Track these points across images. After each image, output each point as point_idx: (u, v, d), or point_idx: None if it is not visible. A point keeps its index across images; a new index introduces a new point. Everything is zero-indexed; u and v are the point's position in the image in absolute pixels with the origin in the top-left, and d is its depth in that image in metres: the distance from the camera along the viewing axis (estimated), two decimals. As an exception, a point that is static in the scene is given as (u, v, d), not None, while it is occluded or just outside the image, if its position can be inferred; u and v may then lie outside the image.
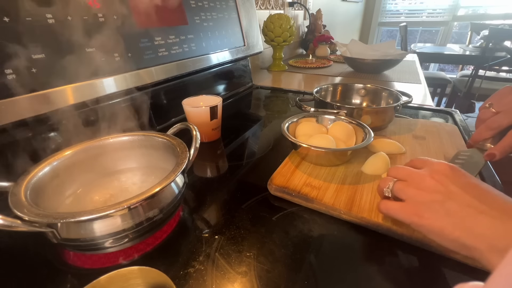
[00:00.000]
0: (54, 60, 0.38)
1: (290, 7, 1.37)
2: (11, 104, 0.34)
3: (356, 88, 0.66)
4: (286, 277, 0.27)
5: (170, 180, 0.28)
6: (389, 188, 0.29)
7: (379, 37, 3.38)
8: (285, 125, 0.45)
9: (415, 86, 0.92)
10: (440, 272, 0.27)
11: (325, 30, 1.56)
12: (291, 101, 0.80)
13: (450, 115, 0.67)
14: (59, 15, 0.38)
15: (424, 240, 0.29)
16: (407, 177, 0.29)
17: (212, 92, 0.76)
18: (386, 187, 0.30)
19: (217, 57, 0.69)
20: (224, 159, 0.50)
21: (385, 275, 0.27)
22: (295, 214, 0.35)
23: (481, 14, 2.84)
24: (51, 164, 0.32)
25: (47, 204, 0.29)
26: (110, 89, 0.45)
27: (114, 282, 0.21)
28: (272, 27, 1.04)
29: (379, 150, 0.44)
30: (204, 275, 0.27)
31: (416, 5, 3.10)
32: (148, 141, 0.38)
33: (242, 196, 0.38)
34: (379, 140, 0.47)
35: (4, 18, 0.33)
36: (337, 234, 0.32)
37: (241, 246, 0.30)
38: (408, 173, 0.29)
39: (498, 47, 1.96)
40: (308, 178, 0.39)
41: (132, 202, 0.25)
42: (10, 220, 0.23)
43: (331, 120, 0.50)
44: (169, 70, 0.56)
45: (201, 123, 0.51)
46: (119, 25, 0.46)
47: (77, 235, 0.26)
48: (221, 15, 0.71)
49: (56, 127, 0.40)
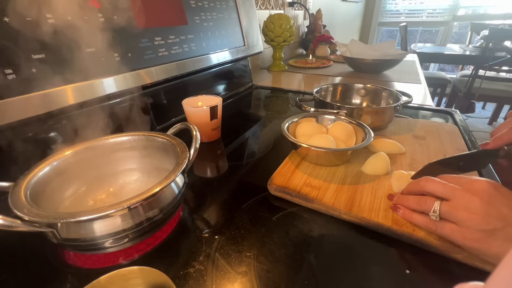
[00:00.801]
0: (54, 60, 0.38)
1: (290, 7, 1.37)
2: (11, 104, 0.34)
3: (356, 88, 0.66)
4: (286, 277, 0.27)
5: (170, 180, 0.28)
6: (435, 212, 0.27)
7: (379, 37, 3.38)
8: (285, 125, 0.45)
9: (415, 86, 0.92)
10: (440, 272, 0.27)
11: (325, 30, 1.56)
12: (291, 101, 0.80)
13: (450, 115, 0.67)
14: (59, 15, 0.38)
15: (424, 240, 0.29)
16: (450, 195, 0.27)
17: (212, 92, 0.76)
18: (431, 211, 0.27)
19: (217, 57, 0.69)
20: (224, 159, 0.50)
21: (385, 275, 0.27)
22: (295, 214, 0.35)
23: (481, 14, 2.84)
24: (51, 164, 0.32)
25: (47, 204, 0.29)
26: (110, 89, 0.45)
27: (114, 282, 0.21)
28: (272, 27, 1.04)
29: (379, 150, 0.44)
30: (204, 275, 0.27)
31: (416, 5, 3.10)
32: (148, 141, 0.38)
33: (242, 196, 0.38)
34: (379, 140, 0.47)
35: (4, 18, 0.33)
36: (337, 234, 0.32)
37: (241, 246, 0.30)
38: (451, 191, 0.27)
39: (498, 47, 1.96)
40: (308, 178, 0.39)
41: (132, 202, 0.25)
42: (10, 220, 0.23)
43: (331, 120, 0.50)
44: (169, 70, 0.56)
45: (201, 123, 0.51)
46: (119, 25, 0.46)
47: (77, 235, 0.26)
48: (221, 15, 0.71)
49: (56, 127, 0.40)
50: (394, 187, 0.37)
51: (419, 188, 0.30)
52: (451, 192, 0.27)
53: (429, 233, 0.29)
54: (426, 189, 0.29)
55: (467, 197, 0.26)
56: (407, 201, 0.31)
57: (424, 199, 0.29)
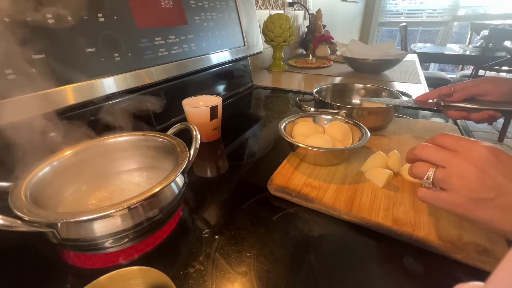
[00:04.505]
0: (54, 60, 0.38)
1: (290, 7, 1.37)
2: (11, 104, 0.34)
3: (356, 88, 0.66)
4: (286, 277, 0.27)
5: (170, 180, 0.28)
6: (429, 179, 0.26)
7: (379, 37, 3.38)
8: (282, 125, 0.45)
9: (415, 86, 0.92)
10: (440, 272, 0.27)
11: (325, 30, 1.56)
12: (291, 101, 0.80)
13: (450, 115, 0.67)
14: (59, 15, 0.38)
15: (424, 240, 0.29)
16: (445, 163, 0.26)
17: (212, 92, 0.76)
18: (425, 178, 0.27)
19: (217, 57, 0.69)
20: (224, 159, 0.50)
21: (385, 275, 0.27)
22: (295, 214, 0.35)
23: (481, 14, 2.84)
24: (51, 164, 0.32)
25: (47, 204, 0.29)
26: (110, 89, 0.45)
27: (114, 282, 0.21)
28: (272, 27, 1.04)
29: (331, 133, 0.46)
30: (204, 275, 0.27)
31: (416, 5, 3.10)
32: (148, 141, 0.38)
33: (242, 196, 0.38)
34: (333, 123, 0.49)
35: (5, 19, 0.33)
36: (337, 234, 0.32)
37: (241, 246, 0.30)
38: (446, 159, 0.26)
39: (498, 47, 1.96)
40: (308, 178, 0.39)
41: (132, 202, 0.25)
42: (10, 220, 0.23)
43: (328, 120, 0.50)
44: (169, 70, 0.56)
45: (201, 123, 0.51)
46: (119, 25, 0.46)
47: (77, 235, 0.26)
48: (221, 15, 0.71)
49: (56, 127, 0.40)
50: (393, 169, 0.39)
51: (413, 156, 0.29)
52: (446, 160, 0.26)
53: (429, 233, 0.29)
54: (421, 156, 0.28)
55: (463, 165, 0.25)
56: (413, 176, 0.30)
57: (417, 164, 0.28)
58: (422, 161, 0.28)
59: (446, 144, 0.27)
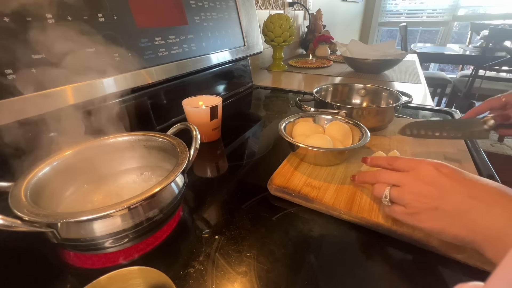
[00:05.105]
0: (54, 60, 0.38)
1: (290, 7, 1.37)
2: (10, 104, 0.34)
3: (356, 88, 0.66)
4: (286, 277, 0.27)
5: (170, 180, 0.28)
6: (386, 198, 0.30)
7: (379, 37, 3.38)
8: (282, 125, 0.45)
9: (415, 86, 0.92)
10: (440, 272, 0.27)
11: (325, 30, 1.56)
12: (291, 101, 0.80)
13: (450, 115, 0.67)
14: (59, 15, 0.38)
15: (424, 240, 0.29)
16: (398, 182, 0.30)
17: (212, 92, 0.76)
18: (383, 197, 0.30)
19: (217, 57, 0.69)
20: (224, 159, 0.50)
21: (385, 275, 0.27)
22: (295, 214, 0.35)
23: (481, 14, 2.84)
24: (51, 164, 0.32)
25: (47, 204, 0.29)
26: (110, 89, 0.45)
27: (114, 282, 0.21)
28: (272, 27, 1.04)
29: (331, 133, 0.46)
30: (204, 275, 0.27)
31: (416, 5, 3.10)
32: (148, 141, 0.38)
33: (242, 196, 0.38)
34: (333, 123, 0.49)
35: (5, 19, 0.33)
36: (337, 234, 0.32)
37: (241, 246, 0.30)
38: (399, 178, 0.30)
39: (498, 47, 1.96)
40: (308, 178, 0.39)
41: (132, 202, 0.25)
42: (10, 220, 0.23)
43: (328, 120, 0.50)
44: (169, 70, 0.56)
45: (201, 123, 0.51)
46: (119, 25, 0.46)
47: (77, 235, 0.26)
48: (221, 15, 0.71)
49: (56, 127, 0.40)
50: None
51: (374, 180, 0.33)
52: (399, 180, 0.30)
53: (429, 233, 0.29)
54: (380, 179, 0.32)
55: (412, 182, 0.28)
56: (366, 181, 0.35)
57: (376, 186, 0.32)
58: (380, 183, 0.32)
59: (399, 166, 0.31)
